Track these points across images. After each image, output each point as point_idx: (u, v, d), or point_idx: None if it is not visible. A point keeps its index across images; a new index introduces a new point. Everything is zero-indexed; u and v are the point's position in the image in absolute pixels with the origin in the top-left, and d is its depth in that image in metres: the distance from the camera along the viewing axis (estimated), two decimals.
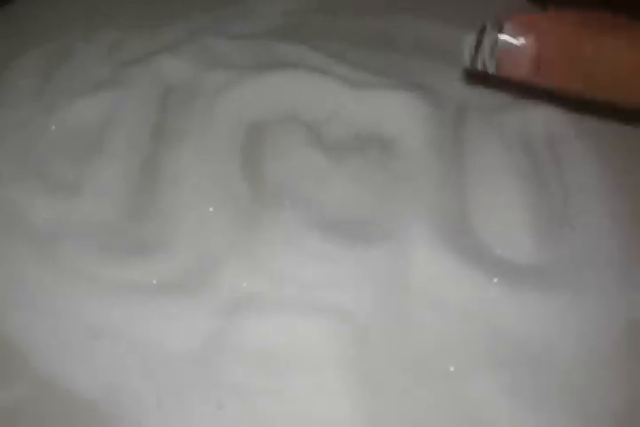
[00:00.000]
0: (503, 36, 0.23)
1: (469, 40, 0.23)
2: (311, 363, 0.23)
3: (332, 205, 0.28)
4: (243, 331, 0.24)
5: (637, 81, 0.21)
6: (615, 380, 0.23)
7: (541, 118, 0.31)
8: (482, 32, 0.23)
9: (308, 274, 0.25)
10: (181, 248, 0.26)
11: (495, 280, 0.25)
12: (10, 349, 0.23)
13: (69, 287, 0.25)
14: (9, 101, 0.32)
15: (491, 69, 0.23)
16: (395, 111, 0.31)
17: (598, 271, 0.26)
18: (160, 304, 0.24)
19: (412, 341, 0.24)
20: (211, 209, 0.28)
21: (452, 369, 0.23)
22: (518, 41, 0.22)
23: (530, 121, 0.31)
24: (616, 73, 0.21)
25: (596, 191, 0.28)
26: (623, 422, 0.22)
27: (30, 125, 0.31)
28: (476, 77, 0.26)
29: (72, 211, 0.28)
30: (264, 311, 0.24)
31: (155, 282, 0.25)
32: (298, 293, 0.24)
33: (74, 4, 0.37)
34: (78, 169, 0.29)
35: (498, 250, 0.26)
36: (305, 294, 0.24)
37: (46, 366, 0.23)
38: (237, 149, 0.30)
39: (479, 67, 0.24)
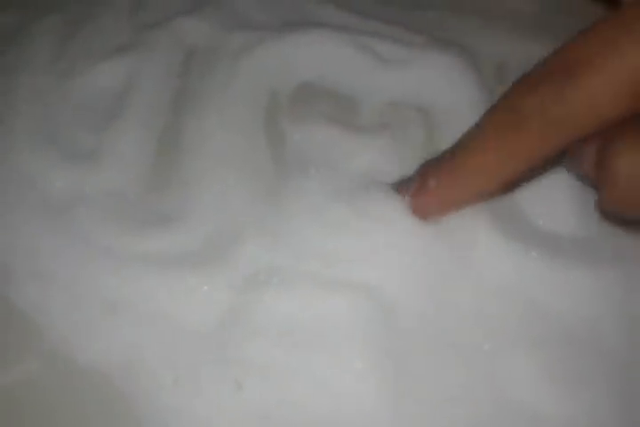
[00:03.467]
0: None
1: None
2: (335, 340, 0.22)
3: (360, 176, 0.26)
4: (263, 306, 0.22)
5: None
6: None
7: None
8: None
9: (332, 247, 0.23)
10: (202, 219, 0.25)
11: (534, 253, 0.23)
12: (24, 321, 0.23)
13: (85, 259, 0.24)
14: (26, 67, 0.31)
15: None
16: (430, 74, 0.29)
17: None
18: (179, 278, 0.23)
19: (443, 317, 0.22)
20: (233, 178, 0.26)
21: (486, 348, 0.22)
22: None
23: None
24: None
25: None
26: None
27: (47, 91, 0.30)
28: None
29: (89, 180, 0.27)
30: (286, 286, 0.23)
31: (173, 254, 0.24)
32: (321, 267, 0.23)
33: None
34: (96, 136, 0.28)
35: (539, 220, 0.24)
36: (329, 269, 0.23)
37: (61, 339, 0.22)
38: (260, 116, 0.29)
39: None
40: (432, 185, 0.23)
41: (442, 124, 0.28)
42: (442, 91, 0.29)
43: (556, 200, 0.25)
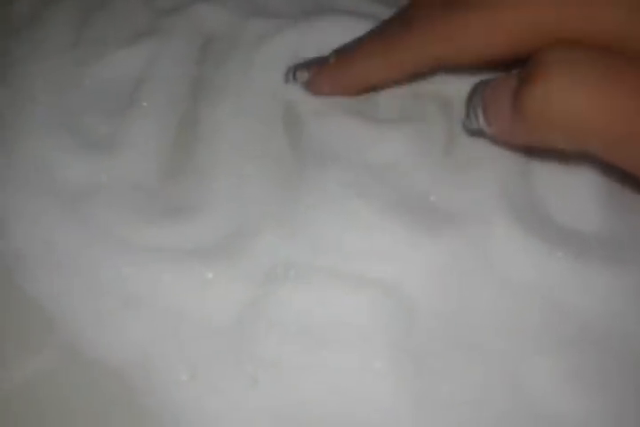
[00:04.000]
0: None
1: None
2: (353, 338, 0.21)
3: (381, 169, 0.26)
4: (280, 301, 0.22)
5: None
6: None
7: None
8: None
9: (349, 241, 0.23)
10: (218, 211, 0.25)
11: (559, 253, 0.22)
12: (38, 313, 0.22)
13: (100, 251, 0.24)
14: (42, 54, 0.30)
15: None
16: None
17: None
18: (195, 271, 0.23)
19: (464, 317, 0.22)
20: (250, 168, 0.26)
21: (507, 349, 0.21)
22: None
23: None
24: None
25: None
26: None
27: (64, 78, 0.29)
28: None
29: (106, 169, 0.26)
30: (303, 281, 0.22)
31: (190, 247, 0.24)
32: (339, 261, 0.23)
33: None
34: (113, 125, 0.28)
35: (562, 218, 0.24)
36: (346, 263, 0.23)
37: (75, 333, 0.22)
38: (278, 105, 0.28)
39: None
40: (331, 62, 0.27)
41: (458, 118, 0.27)
42: (463, 82, 0.28)
43: (579, 197, 0.24)
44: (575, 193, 0.25)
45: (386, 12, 0.30)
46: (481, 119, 0.23)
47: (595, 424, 0.20)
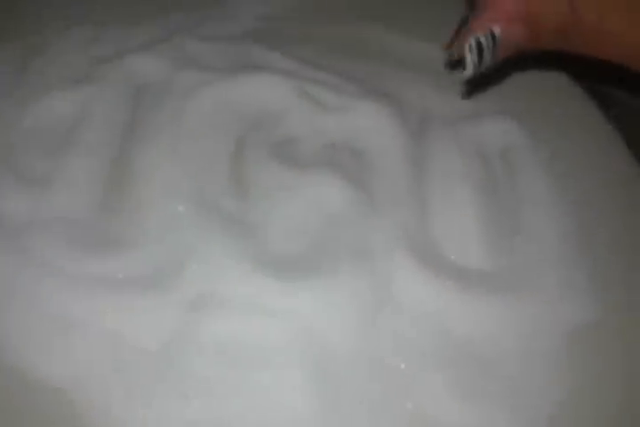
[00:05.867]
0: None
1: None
2: (271, 359, 0.24)
3: (297, 215, 0.29)
4: (207, 326, 0.25)
5: None
6: (553, 373, 0.25)
7: (498, 130, 0.33)
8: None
9: (268, 274, 0.26)
10: (148, 244, 0.27)
11: (447, 284, 0.26)
12: None
13: (37, 279, 0.25)
14: None
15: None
16: (363, 120, 0.32)
17: (541, 277, 0.27)
18: (127, 298, 0.25)
19: (369, 340, 0.25)
20: (180, 207, 0.28)
21: (402, 367, 0.25)
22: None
23: (487, 132, 0.32)
24: None
25: (546, 203, 0.30)
26: (561, 411, 0.24)
27: (2, 119, 0.31)
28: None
29: (42, 204, 0.28)
30: (227, 307, 0.25)
31: (121, 276, 0.26)
32: (260, 291, 0.25)
33: None
34: (50, 163, 0.30)
35: (452, 256, 0.28)
36: (267, 295, 0.25)
37: (16, 355, 0.24)
38: (208, 151, 0.31)
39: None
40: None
41: (373, 163, 0.31)
42: (372, 135, 0.32)
43: (469, 239, 0.28)
44: (465, 235, 0.29)
45: (307, 69, 0.34)
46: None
47: None
